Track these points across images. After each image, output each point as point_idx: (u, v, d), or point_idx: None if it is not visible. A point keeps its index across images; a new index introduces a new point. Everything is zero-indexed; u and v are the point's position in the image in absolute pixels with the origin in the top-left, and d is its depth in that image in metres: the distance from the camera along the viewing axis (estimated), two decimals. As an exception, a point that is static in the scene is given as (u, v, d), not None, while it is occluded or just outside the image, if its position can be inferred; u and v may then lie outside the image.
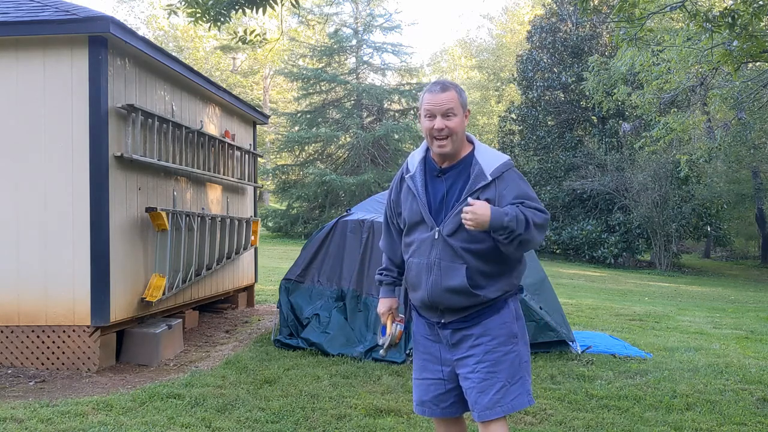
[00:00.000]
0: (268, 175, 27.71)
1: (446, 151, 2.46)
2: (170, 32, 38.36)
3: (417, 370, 2.64)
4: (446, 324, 2.51)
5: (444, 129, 2.42)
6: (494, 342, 2.49)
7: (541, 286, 6.22)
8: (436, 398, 2.58)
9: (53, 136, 5.17)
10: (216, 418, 3.97)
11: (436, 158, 2.53)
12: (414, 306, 2.65)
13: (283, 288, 6.61)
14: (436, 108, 2.43)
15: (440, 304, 2.47)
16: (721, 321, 9.51)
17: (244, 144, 8.42)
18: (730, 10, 5.11)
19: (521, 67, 26.03)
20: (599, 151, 23.65)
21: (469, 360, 2.49)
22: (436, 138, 2.44)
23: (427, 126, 2.45)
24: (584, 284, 15.68)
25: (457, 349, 2.52)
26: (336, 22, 29.02)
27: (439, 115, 2.43)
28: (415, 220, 2.49)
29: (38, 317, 5.19)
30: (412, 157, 2.60)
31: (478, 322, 2.49)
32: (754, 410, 4.46)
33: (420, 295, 2.51)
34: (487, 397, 2.44)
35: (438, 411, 2.59)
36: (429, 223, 2.46)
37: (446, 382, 2.56)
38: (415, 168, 2.54)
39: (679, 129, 14.36)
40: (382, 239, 2.78)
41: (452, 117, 2.43)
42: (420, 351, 2.63)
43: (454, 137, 2.44)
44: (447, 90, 2.46)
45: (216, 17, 5.10)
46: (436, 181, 2.50)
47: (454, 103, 2.44)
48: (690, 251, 30.04)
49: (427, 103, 2.46)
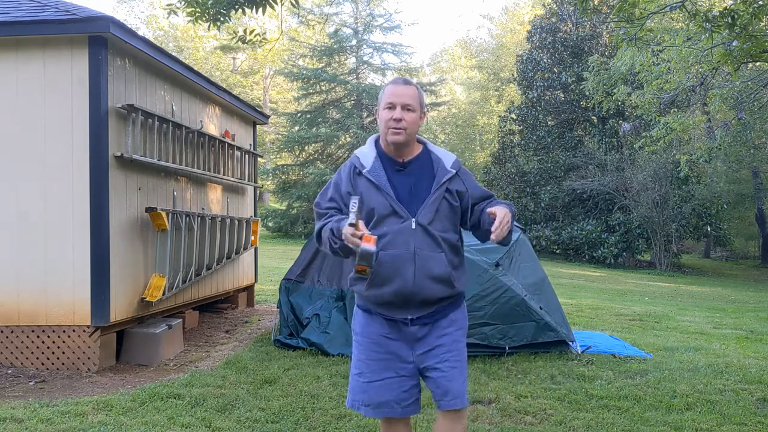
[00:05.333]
0: (268, 175, 27.71)
1: (399, 140, 2.51)
2: (170, 32, 38.37)
3: (374, 372, 2.54)
4: (415, 320, 2.52)
5: (401, 120, 2.49)
6: (458, 333, 2.59)
7: (541, 286, 6.22)
8: (399, 397, 2.54)
9: (53, 136, 5.17)
10: (216, 418, 3.97)
11: (392, 152, 2.57)
12: (370, 305, 2.56)
13: (283, 288, 6.62)
14: (398, 99, 2.51)
15: (419, 294, 2.47)
16: (721, 321, 9.51)
17: (244, 144, 8.43)
18: (729, 10, 5.12)
19: (521, 67, 26.04)
20: (599, 151, 23.65)
21: (437, 350, 2.53)
22: (392, 128, 2.50)
23: (386, 117, 2.51)
24: (584, 284, 15.68)
25: (421, 342, 2.53)
26: (336, 22, 29.05)
27: (399, 107, 2.50)
28: (383, 213, 2.48)
29: (38, 317, 5.19)
30: (362, 155, 2.59)
31: (445, 315, 2.56)
32: (754, 410, 4.46)
33: (396, 287, 2.46)
34: (456, 384, 2.52)
35: (399, 410, 2.55)
36: (403, 214, 2.48)
37: (408, 379, 2.56)
38: (370, 164, 2.55)
39: (679, 129, 14.37)
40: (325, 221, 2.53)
41: (410, 111, 2.52)
42: (377, 351, 2.55)
43: (408, 130, 2.51)
44: (409, 85, 2.56)
45: (216, 17, 5.10)
46: (399, 174, 2.55)
47: (414, 100, 2.53)
48: (690, 251, 30.05)
49: (389, 95, 2.53)
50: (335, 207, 2.56)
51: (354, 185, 2.53)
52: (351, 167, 2.58)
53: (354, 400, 2.59)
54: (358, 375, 2.59)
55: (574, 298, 11.76)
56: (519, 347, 5.78)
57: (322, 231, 2.53)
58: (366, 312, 2.60)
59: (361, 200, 2.44)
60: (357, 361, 2.60)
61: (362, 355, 2.58)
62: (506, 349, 5.71)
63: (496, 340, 5.69)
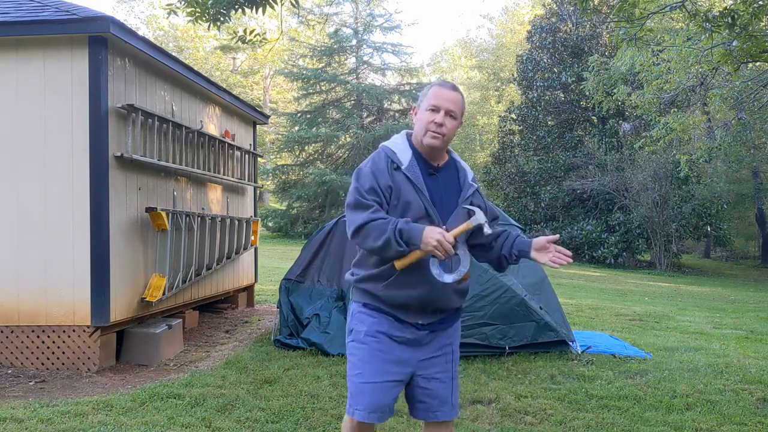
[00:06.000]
0: (268, 175, 27.71)
1: (437, 145, 2.45)
2: (170, 32, 38.38)
3: (374, 373, 2.43)
4: (426, 325, 2.48)
5: (443, 126, 2.43)
6: (457, 343, 2.61)
7: (541, 286, 6.22)
8: (390, 403, 2.47)
9: (53, 136, 5.17)
10: (216, 418, 3.97)
11: (426, 154, 2.50)
12: (382, 305, 2.46)
13: (283, 288, 6.62)
14: (444, 103, 2.44)
15: (439, 302, 2.45)
16: (721, 321, 9.51)
17: (244, 144, 8.42)
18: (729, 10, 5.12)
19: (521, 67, 26.04)
20: (599, 151, 23.66)
21: (439, 359, 2.51)
22: (432, 131, 2.43)
23: (428, 118, 2.43)
24: (584, 284, 15.68)
25: (424, 349, 2.49)
26: (336, 22, 29.05)
27: (443, 111, 2.43)
28: (418, 216, 2.40)
29: (38, 317, 5.19)
30: (398, 150, 2.49)
31: (451, 324, 2.57)
32: (754, 410, 4.46)
33: (420, 293, 2.41)
34: (453, 395, 2.54)
35: (387, 415, 2.47)
36: (435, 219, 2.41)
37: (401, 385, 2.50)
38: (407, 161, 2.46)
39: (679, 129, 14.38)
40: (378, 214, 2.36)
41: (453, 119, 2.46)
42: (380, 351, 2.44)
43: (446, 137, 2.46)
44: (457, 92, 2.49)
45: (215, 17, 5.10)
46: (431, 178, 2.49)
47: (459, 107, 2.46)
48: (690, 251, 30.04)
49: (435, 97, 2.45)
50: (377, 201, 2.39)
51: (392, 178, 2.42)
52: (388, 161, 2.45)
53: (350, 405, 2.47)
54: (357, 376, 2.46)
55: (574, 298, 11.76)
56: (519, 347, 5.78)
57: (371, 224, 2.33)
58: (374, 311, 2.47)
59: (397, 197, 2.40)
60: (358, 361, 2.47)
61: (365, 354, 2.45)
62: (506, 349, 5.71)
63: (496, 340, 5.69)
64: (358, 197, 2.40)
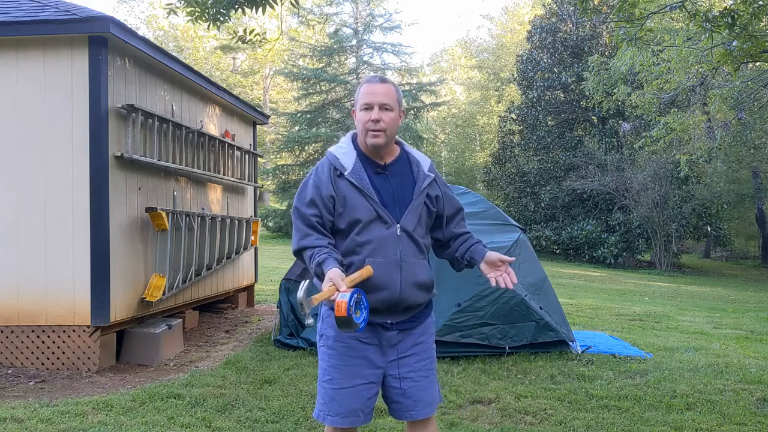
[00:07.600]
0: (268, 175, 27.72)
1: (379, 143, 2.41)
2: (170, 32, 38.37)
3: (346, 378, 2.41)
4: (394, 324, 2.45)
5: (380, 121, 2.39)
6: (430, 340, 2.55)
7: (541, 286, 6.22)
8: (364, 405, 2.44)
9: (53, 136, 5.17)
10: (216, 418, 3.97)
11: (372, 154, 2.47)
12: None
13: (283, 288, 6.62)
14: (375, 98, 2.39)
15: (406, 301, 2.42)
16: (721, 321, 9.51)
17: (244, 144, 8.43)
18: (729, 10, 5.12)
19: (521, 67, 26.05)
20: (599, 151, 23.66)
21: (410, 359, 2.47)
22: (371, 130, 2.40)
23: (364, 118, 2.40)
24: (584, 284, 15.68)
25: (394, 348, 2.46)
26: (336, 22, 29.04)
27: (376, 106, 2.40)
28: (368, 218, 2.38)
29: (38, 317, 5.19)
30: (341, 154, 2.44)
31: (421, 321, 2.52)
32: (754, 410, 4.46)
33: (384, 296, 2.38)
34: (429, 393, 2.48)
35: (361, 419, 2.42)
36: (387, 219, 2.39)
37: (375, 386, 2.46)
38: (351, 165, 2.42)
39: (679, 129, 14.38)
40: (310, 238, 2.38)
41: (388, 111, 2.41)
42: (349, 356, 2.42)
43: (388, 131, 2.42)
44: (385, 83, 2.44)
45: (215, 16, 5.10)
46: (380, 177, 2.45)
47: (391, 98, 2.41)
48: (690, 251, 30.03)
49: (365, 94, 2.41)
50: (317, 214, 2.39)
51: (336, 188, 2.39)
52: (330, 168, 2.42)
53: (321, 410, 2.44)
54: (329, 382, 2.43)
55: (574, 298, 11.76)
56: (519, 347, 5.78)
57: (304, 253, 2.37)
58: None
59: (342, 205, 2.38)
60: (328, 367, 2.44)
61: (334, 360, 2.43)
62: (506, 349, 5.71)
63: (496, 340, 5.69)
64: (296, 215, 2.42)
